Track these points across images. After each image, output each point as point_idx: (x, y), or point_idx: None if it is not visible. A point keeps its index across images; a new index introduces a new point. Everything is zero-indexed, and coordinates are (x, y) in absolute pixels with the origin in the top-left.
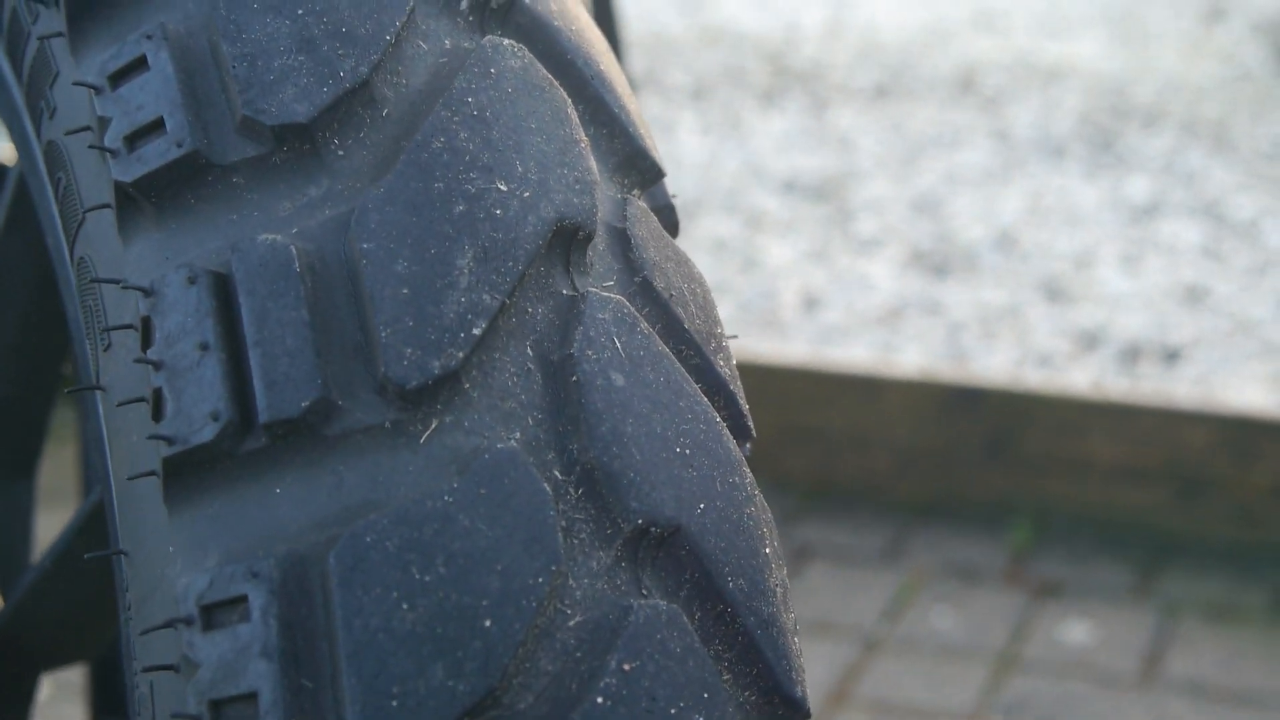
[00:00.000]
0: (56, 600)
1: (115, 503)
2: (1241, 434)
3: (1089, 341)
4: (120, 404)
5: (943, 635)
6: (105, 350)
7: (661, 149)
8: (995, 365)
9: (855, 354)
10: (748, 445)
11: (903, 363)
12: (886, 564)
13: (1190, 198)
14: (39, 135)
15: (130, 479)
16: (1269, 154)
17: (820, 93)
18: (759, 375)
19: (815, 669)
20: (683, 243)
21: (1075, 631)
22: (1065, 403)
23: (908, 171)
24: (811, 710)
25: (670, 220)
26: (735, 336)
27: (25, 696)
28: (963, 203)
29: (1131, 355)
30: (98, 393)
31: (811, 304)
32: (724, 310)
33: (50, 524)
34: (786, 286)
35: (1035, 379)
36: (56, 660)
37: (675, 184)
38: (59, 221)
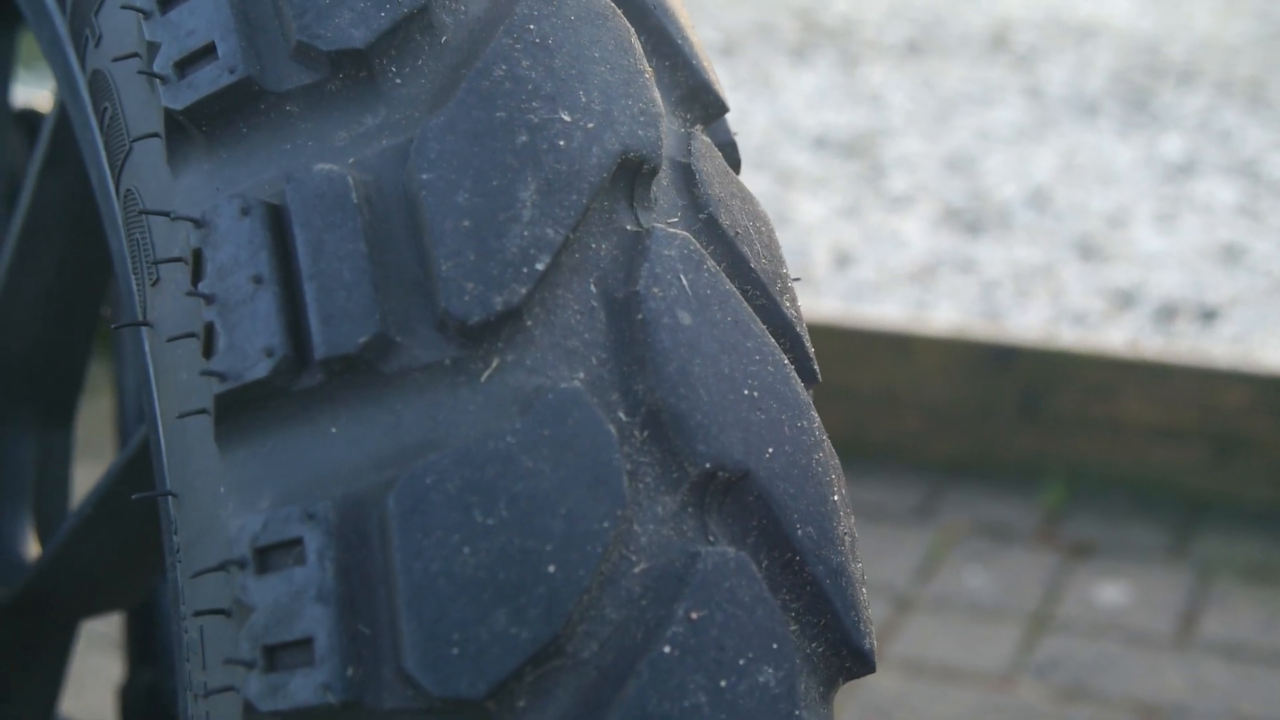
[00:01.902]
0: (96, 547)
1: (163, 443)
2: (1278, 394)
3: (1124, 300)
4: (170, 340)
5: (975, 594)
6: (153, 285)
7: None
8: (1029, 324)
9: (887, 311)
10: (812, 390)
11: (935, 320)
12: (918, 523)
13: (1225, 156)
14: (83, 65)
15: (180, 417)
16: None
17: (851, 49)
18: None
19: None
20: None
21: (1109, 592)
22: (1100, 361)
23: (940, 129)
24: (877, 662)
25: (733, 157)
26: (799, 279)
27: (65, 644)
28: (995, 160)
29: (1167, 314)
30: (144, 330)
31: (843, 261)
32: None
33: (87, 477)
34: (818, 243)
35: (1069, 337)
36: (96, 608)
37: None
38: (104, 154)
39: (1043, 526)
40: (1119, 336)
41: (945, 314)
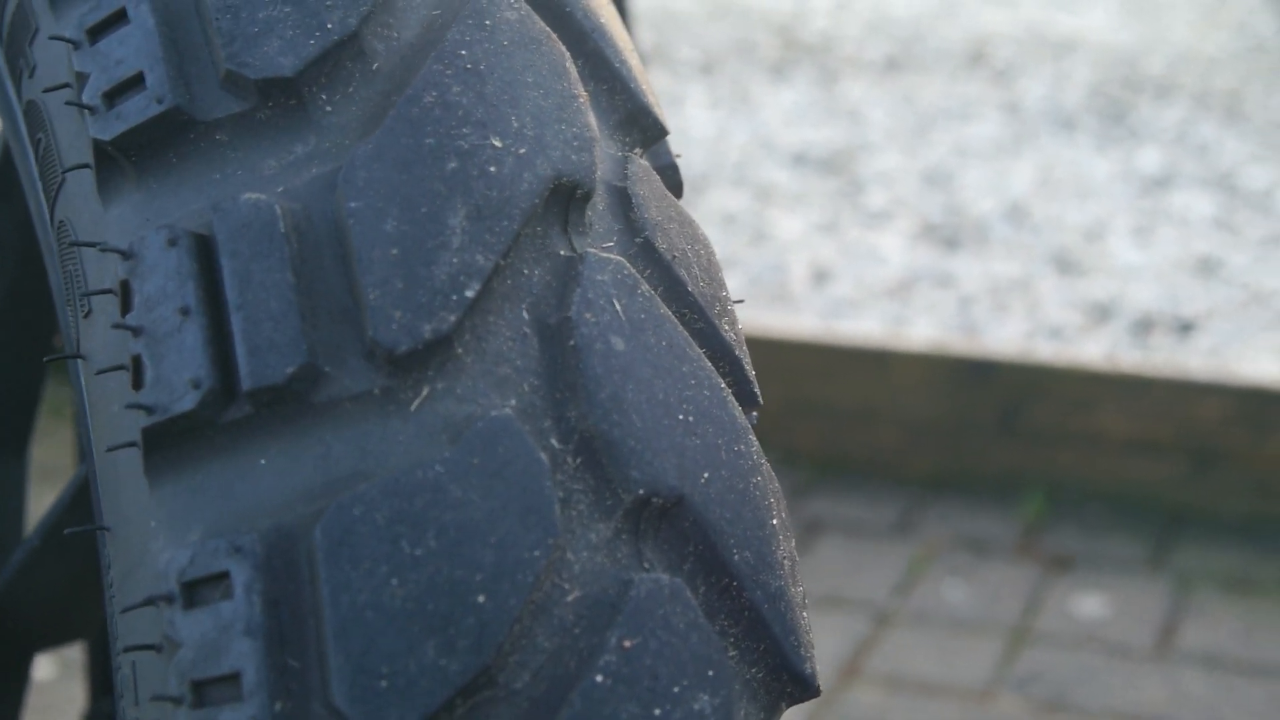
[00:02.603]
0: (47, 578)
1: (98, 476)
2: (1255, 405)
3: (1101, 313)
4: (100, 372)
5: (955, 609)
6: (85, 317)
7: (670, 123)
8: (1006, 337)
9: (865, 327)
10: (755, 414)
11: (913, 335)
12: (898, 537)
13: (1203, 169)
14: (19, 95)
15: (110, 450)
16: None
17: (830, 65)
18: (769, 348)
19: (827, 643)
20: (692, 215)
21: (1089, 604)
22: (1077, 375)
23: (918, 144)
24: (821, 687)
25: (674, 180)
26: (741, 301)
27: (20, 676)
28: (973, 175)
29: (1144, 327)
30: (79, 362)
31: (821, 277)
32: (733, 283)
33: (47, 500)
34: (796, 259)
35: (1047, 351)
36: (51, 639)
37: (684, 158)
38: (40, 184)
39: (1022, 540)
40: (1096, 350)
41: (923, 329)
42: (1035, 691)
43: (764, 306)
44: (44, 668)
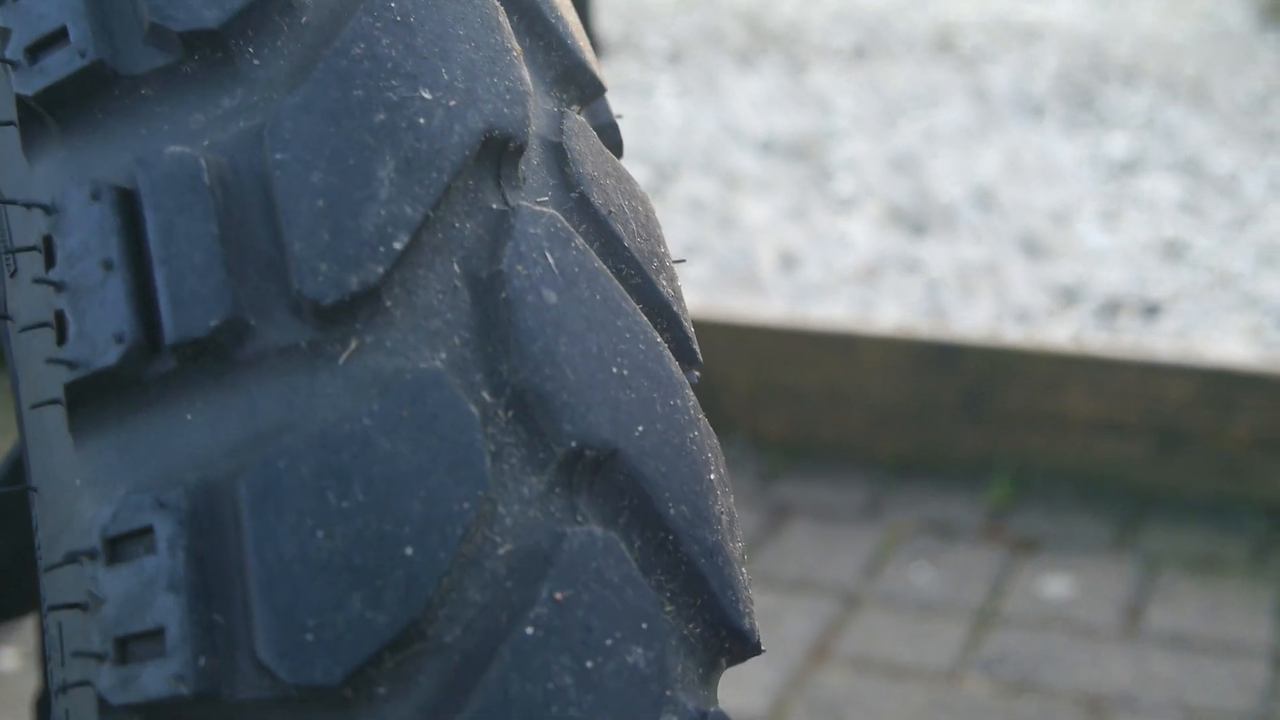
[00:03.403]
0: None
1: (26, 436)
2: (1221, 386)
3: (1068, 297)
4: (24, 329)
5: (922, 591)
6: (12, 275)
7: (639, 112)
8: (974, 322)
9: (833, 312)
10: (696, 373)
11: (880, 320)
12: (866, 521)
13: (1169, 153)
14: None
15: (34, 407)
16: (1247, 109)
17: (798, 53)
18: (736, 333)
19: (795, 626)
20: (660, 203)
21: (1055, 585)
22: (1044, 358)
23: (886, 131)
24: (761, 644)
25: (613, 139)
26: (683, 260)
27: None
28: (941, 161)
29: (1111, 310)
30: (6, 323)
31: (789, 263)
32: (701, 270)
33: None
34: (764, 246)
35: (1014, 335)
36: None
37: (653, 146)
38: None
39: (989, 522)
40: (1063, 333)
41: (890, 313)
42: (1002, 673)
43: (732, 292)
44: (7, 660)
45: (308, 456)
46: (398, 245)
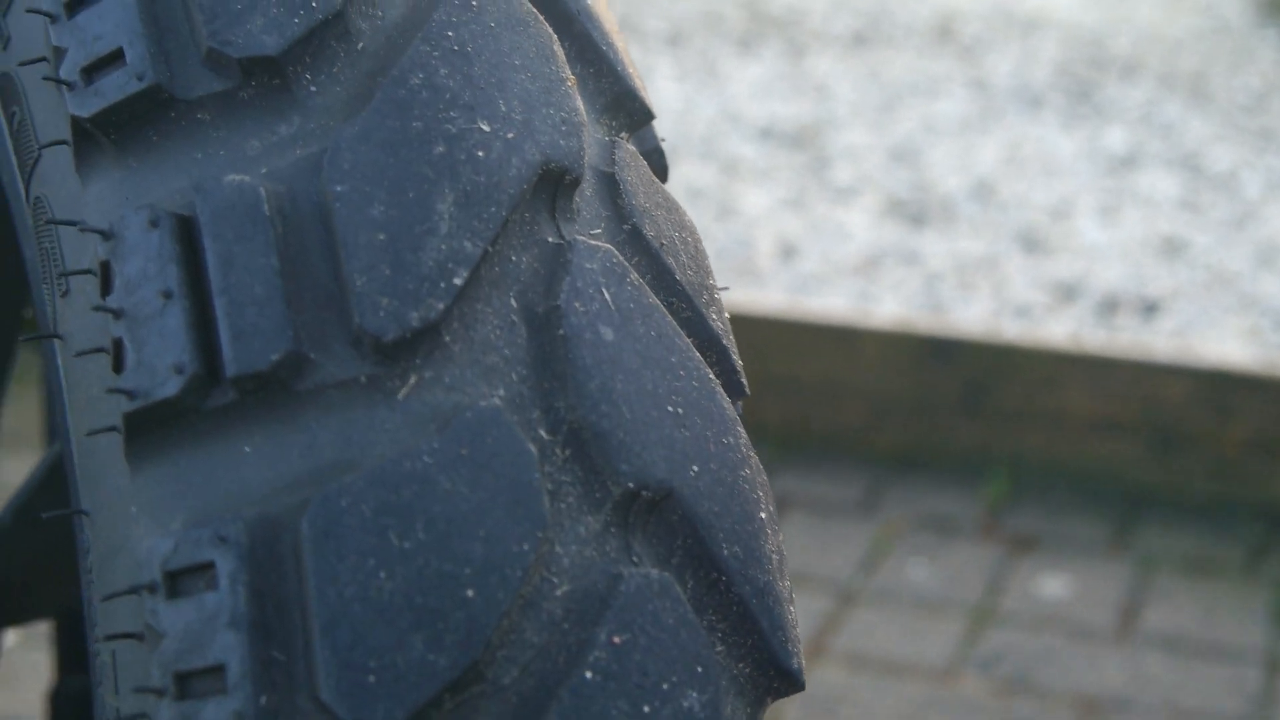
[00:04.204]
0: (18, 556)
1: (75, 459)
2: (1219, 387)
3: (1066, 293)
4: (79, 354)
5: (919, 587)
6: (63, 296)
7: None
8: (972, 316)
9: (832, 303)
10: (740, 403)
11: (879, 313)
12: (862, 515)
13: (1168, 149)
14: None
15: (90, 435)
16: (1247, 106)
17: (797, 39)
18: (735, 324)
19: None
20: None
21: (1051, 584)
22: (1042, 354)
23: (885, 120)
24: (805, 682)
25: (659, 164)
26: (727, 288)
27: None
28: (940, 152)
29: (1109, 307)
30: (55, 342)
31: (788, 252)
32: None
33: (12, 468)
34: (763, 235)
35: (1012, 330)
36: (19, 617)
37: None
38: (14, 158)
39: (985, 519)
40: (1061, 330)
41: (889, 306)
42: (998, 672)
43: (731, 282)
44: (8, 637)
45: (369, 495)
46: (457, 281)
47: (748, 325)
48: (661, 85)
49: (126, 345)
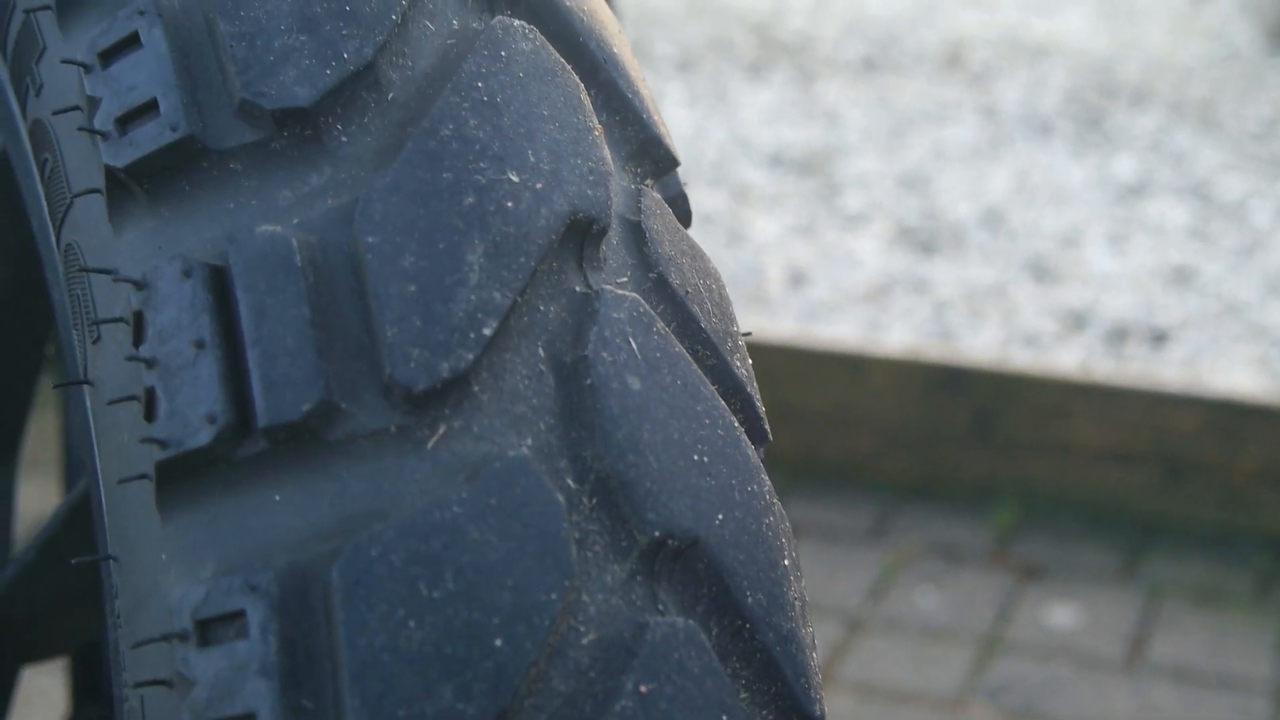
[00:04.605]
0: (39, 593)
1: (104, 504)
2: (1228, 417)
3: (1076, 322)
4: (111, 403)
5: (927, 616)
6: (94, 343)
7: None
8: (981, 345)
9: (841, 331)
10: (762, 449)
11: (888, 341)
12: (871, 544)
13: (1178, 178)
14: (24, 112)
15: (121, 483)
16: (1257, 134)
17: (807, 65)
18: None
19: None
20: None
21: (1060, 614)
22: (1051, 384)
23: (895, 146)
24: None
25: (682, 210)
26: (749, 334)
27: (5, 689)
28: (950, 179)
29: (1118, 336)
30: (85, 387)
31: (798, 280)
32: None
33: (29, 493)
34: (772, 262)
35: (1021, 359)
36: (38, 654)
37: None
38: (45, 204)
39: (994, 548)
40: (1071, 358)
41: (898, 335)
42: (1006, 701)
43: (740, 309)
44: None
45: (399, 544)
46: (487, 331)
47: (757, 353)
48: (671, 111)
49: (159, 394)
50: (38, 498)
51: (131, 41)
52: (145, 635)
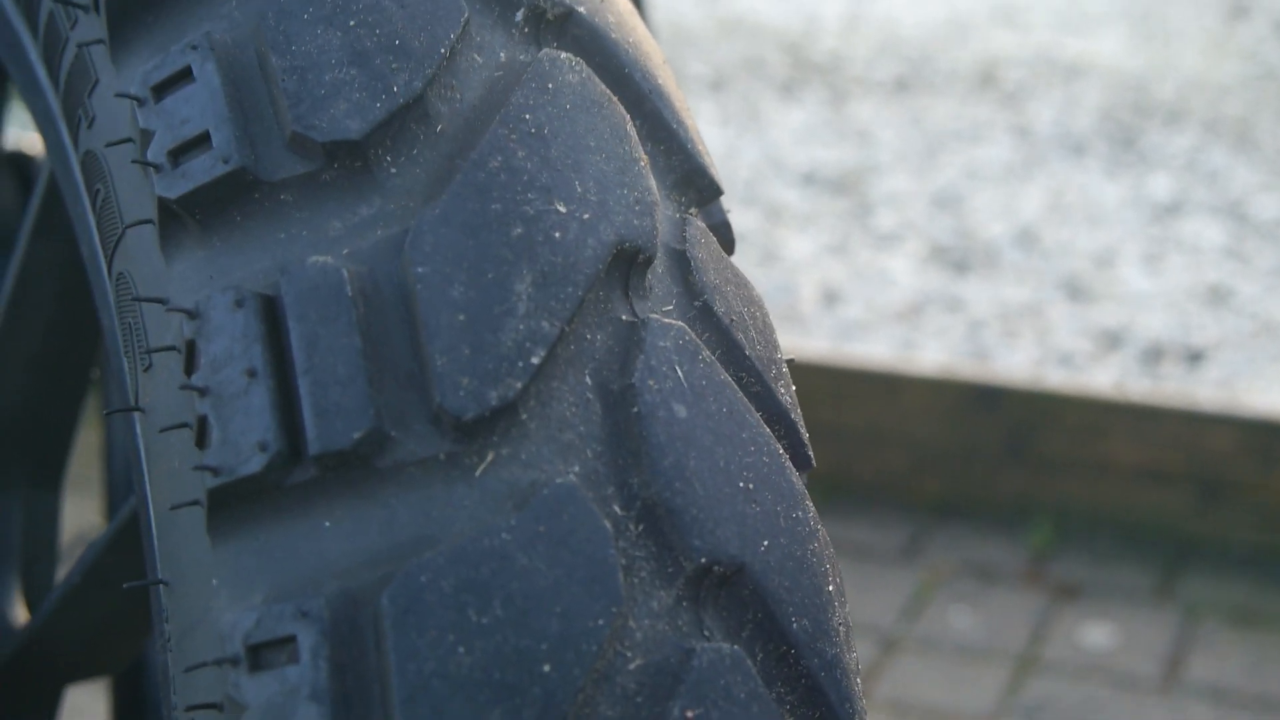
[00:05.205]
0: (84, 615)
1: (154, 529)
2: (1264, 437)
3: (1111, 341)
4: (163, 430)
5: (961, 636)
6: (145, 370)
7: None
8: (1016, 364)
9: (875, 350)
10: (805, 475)
11: (923, 360)
12: (905, 562)
13: (1213, 197)
14: (76, 144)
15: (173, 509)
16: None
17: (840, 85)
18: None
19: None
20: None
21: (1095, 634)
22: (1086, 403)
23: (928, 166)
24: None
25: (726, 238)
26: (793, 360)
27: (49, 709)
28: (983, 199)
29: (1154, 356)
30: (135, 414)
31: (831, 299)
32: None
33: (70, 510)
34: (806, 280)
35: (1056, 378)
36: (81, 674)
37: None
38: (96, 234)
39: (1029, 567)
40: (1106, 378)
41: (932, 354)
42: None
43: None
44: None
45: (449, 572)
46: (535, 360)
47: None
48: (704, 130)
49: (211, 422)
50: (75, 514)
51: (184, 75)
52: (196, 659)
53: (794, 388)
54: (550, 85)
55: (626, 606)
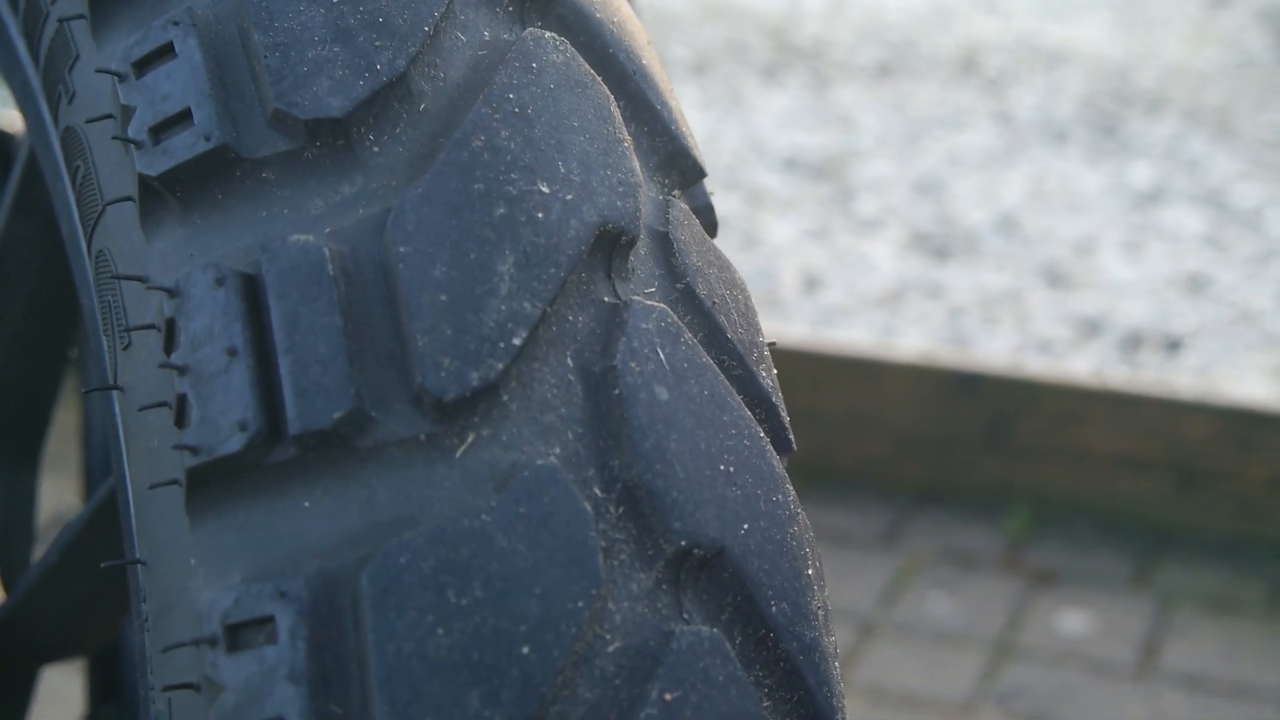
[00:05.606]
0: (60, 595)
1: (132, 509)
2: (1241, 425)
3: (1090, 329)
4: (142, 409)
5: (939, 621)
6: (124, 349)
7: None
8: (996, 351)
9: (855, 336)
10: (786, 459)
11: (903, 346)
12: (883, 548)
13: (1193, 185)
14: (55, 120)
15: (151, 488)
16: (1272, 142)
17: (822, 70)
18: None
19: None
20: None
21: (1072, 620)
22: (1065, 390)
23: (909, 152)
24: None
25: (709, 220)
26: (774, 343)
27: (25, 690)
28: (964, 185)
29: (1133, 344)
30: (114, 393)
31: (812, 284)
32: None
33: (47, 490)
34: (787, 266)
35: (1036, 366)
36: (58, 654)
37: None
38: (75, 211)
39: (1007, 554)
40: (1085, 365)
41: (913, 340)
42: (1017, 707)
43: None
44: None
45: (429, 552)
46: (516, 341)
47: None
48: (687, 113)
49: (190, 401)
50: (52, 494)
51: (166, 51)
52: (174, 639)
53: (775, 371)
54: (534, 65)
55: (606, 589)
